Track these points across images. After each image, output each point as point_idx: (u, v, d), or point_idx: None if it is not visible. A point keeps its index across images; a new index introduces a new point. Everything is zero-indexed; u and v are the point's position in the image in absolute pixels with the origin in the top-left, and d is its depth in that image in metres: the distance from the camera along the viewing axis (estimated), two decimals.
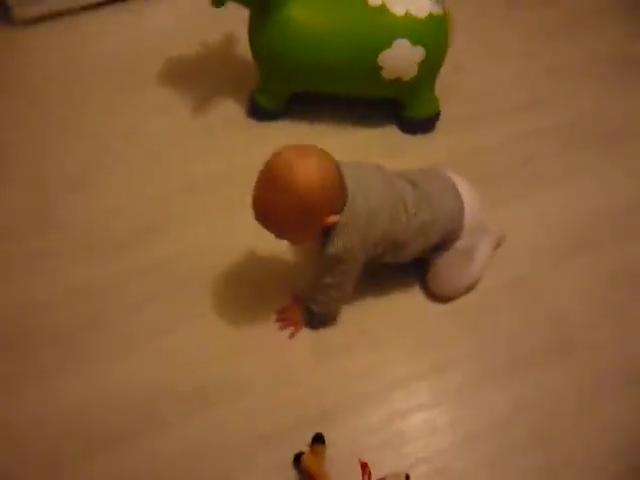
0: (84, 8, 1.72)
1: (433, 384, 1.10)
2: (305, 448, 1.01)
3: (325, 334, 1.15)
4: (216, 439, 1.04)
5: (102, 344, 1.13)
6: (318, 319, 1.15)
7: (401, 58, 1.29)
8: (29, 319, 1.16)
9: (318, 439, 1.01)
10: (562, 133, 1.46)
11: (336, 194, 0.96)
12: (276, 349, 1.14)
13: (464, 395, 1.09)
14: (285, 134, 1.45)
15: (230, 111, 1.50)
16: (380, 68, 1.31)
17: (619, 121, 1.49)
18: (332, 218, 0.97)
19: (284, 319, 1.17)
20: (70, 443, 1.03)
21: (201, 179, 1.37)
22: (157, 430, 1.04)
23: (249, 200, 0.97)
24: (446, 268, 1.15)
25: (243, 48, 1.56)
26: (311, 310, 1.14)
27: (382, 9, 1.27)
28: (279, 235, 1.01)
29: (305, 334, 1.16)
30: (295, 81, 1.41)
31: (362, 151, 1.39)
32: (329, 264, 1.04)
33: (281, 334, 1.15)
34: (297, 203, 0.92)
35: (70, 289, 1.19)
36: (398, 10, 1.26)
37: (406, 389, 1.10)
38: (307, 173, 0.91)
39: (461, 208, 1.10)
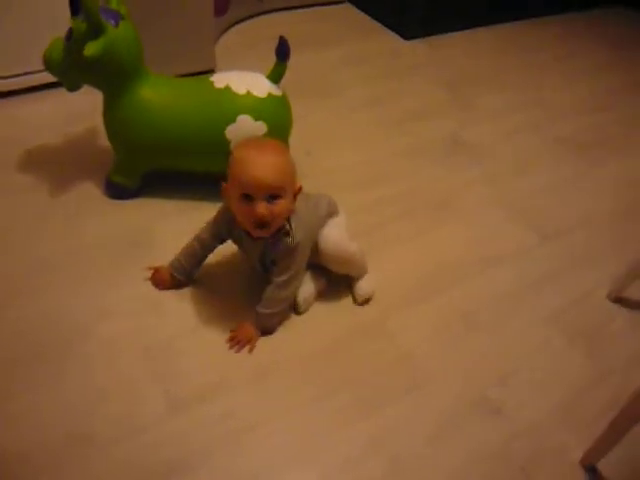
0: None
1: (285, 427, 1.09)
2: None
3: (179, 382, 1.13)
4: None
5: None
6: (277, 319, 1.24)
7: (246, 132, 1.40)
8: None
9: None
10: (404, 201, 1.63)
11: None
12: (124, 401, 1.09)
13: (318, 433, 1.08)
14: (141, 210, 1.50)
15: (86, 191, 1.54)
16: (229, 142, 1.41)
17: (447, 191, 1.70)
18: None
19: (238, 341, 1.20)
20: None
21: (54, 255, 1.36)
22: None
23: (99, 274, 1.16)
24: (334, 228, 1.27)
25: (103, 140, 1.64)
26: (267, 314, 1.21)
27: (226, 90, 1.41)
28: (283, 197, 1.10)
29: (157, 384, 1.12)
30: (148, 159, 1.48)
31: None
32: (288, 258, 1.17)
33: (130, 386, 1.12)
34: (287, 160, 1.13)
35: None
36: (240, 90, 1.40)
37: (261, 432, 1.07)
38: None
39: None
